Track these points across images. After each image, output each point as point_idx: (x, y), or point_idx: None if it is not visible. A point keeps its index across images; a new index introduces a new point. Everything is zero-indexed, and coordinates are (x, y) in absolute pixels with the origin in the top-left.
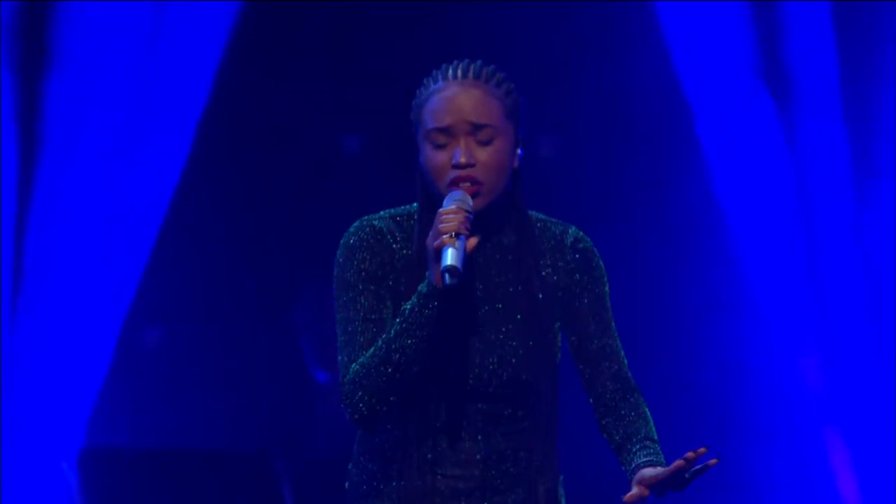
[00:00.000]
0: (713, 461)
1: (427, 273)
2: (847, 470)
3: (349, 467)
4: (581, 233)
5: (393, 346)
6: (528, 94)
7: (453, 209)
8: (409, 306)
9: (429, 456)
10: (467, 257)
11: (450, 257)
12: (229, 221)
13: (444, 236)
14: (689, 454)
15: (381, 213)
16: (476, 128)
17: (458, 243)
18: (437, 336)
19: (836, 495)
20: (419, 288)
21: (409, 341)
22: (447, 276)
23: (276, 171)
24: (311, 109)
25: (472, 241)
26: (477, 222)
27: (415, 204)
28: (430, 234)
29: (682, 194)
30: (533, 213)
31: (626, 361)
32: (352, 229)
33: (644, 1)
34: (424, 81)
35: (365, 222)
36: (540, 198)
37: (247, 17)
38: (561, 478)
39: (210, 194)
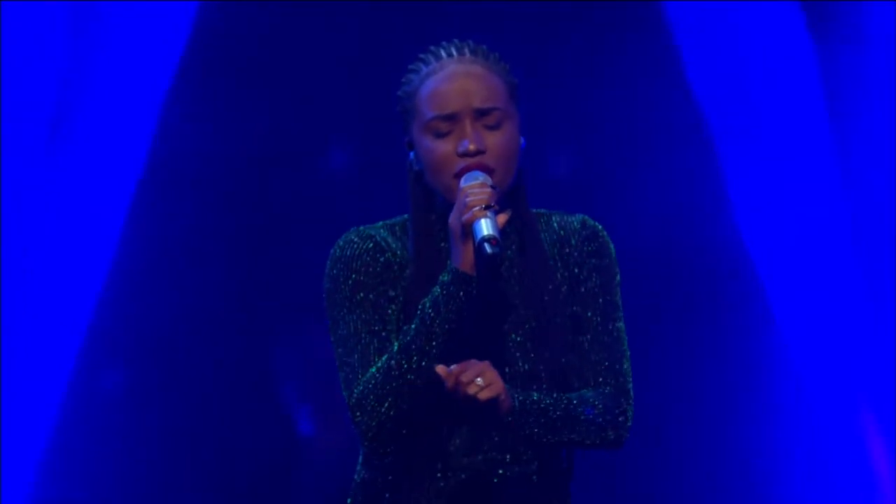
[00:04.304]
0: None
1: (448, 261)
2: (878, 464)
3: None
4: (590, 220)
5: (414, 347)
6: (538, 106)
7: (478, 184)
8: (429, 301)
9: (439, 487)
10: (501, 234)
11: (486, 227)
12: (200, 253)
13: (475, 209)
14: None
15: (371, 224)
16: (483, 112)
17: (490, 214)
18: (459, 334)
19: (853, 482)
20: (441, 277)
21: (433, 336)
22: (487, 245)
23: (248, 203)
24: (289, 127)
25: (503, 217)
26: None
27: (406, 215)
28: (454, 212)
29: (695, 202)
30: (535, 210)
31: (625, 370)
32: (342, 241)
33: (655, 1)
34: (413, 66)
35: (356, 232)
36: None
37: (212, 19)
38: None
39: (176, 226)
